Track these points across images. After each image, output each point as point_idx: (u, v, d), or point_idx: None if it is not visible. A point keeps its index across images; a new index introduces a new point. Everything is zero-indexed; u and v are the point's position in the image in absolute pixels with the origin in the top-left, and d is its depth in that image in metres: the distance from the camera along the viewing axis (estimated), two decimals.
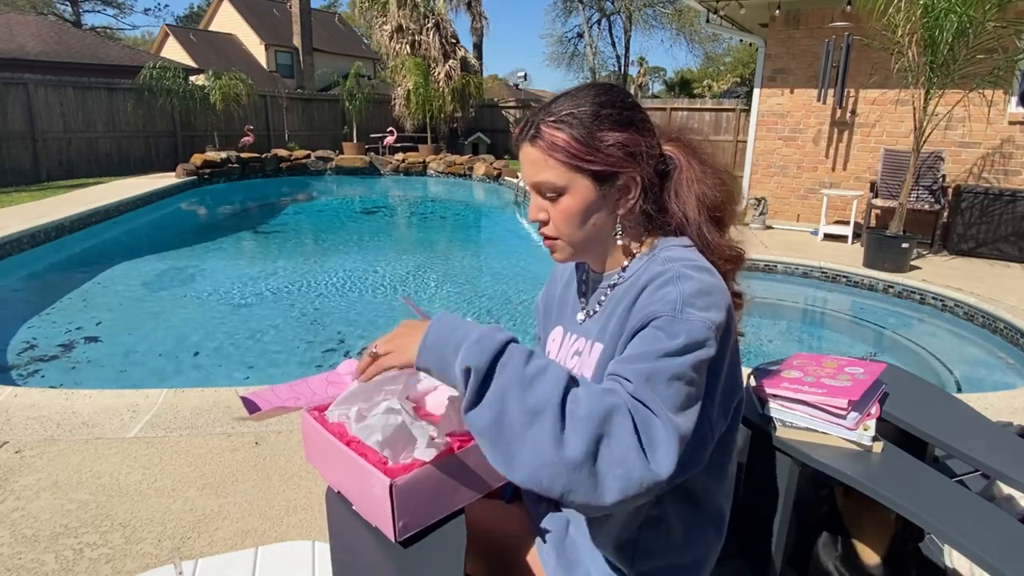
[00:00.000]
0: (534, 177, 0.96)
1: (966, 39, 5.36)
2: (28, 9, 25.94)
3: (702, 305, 0.85)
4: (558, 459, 0.73)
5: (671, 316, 0.84)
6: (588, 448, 0.74)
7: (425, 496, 0.91)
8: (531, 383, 0.77)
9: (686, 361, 0.81)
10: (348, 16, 31.88)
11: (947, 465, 1.37)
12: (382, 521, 0.92)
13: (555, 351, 1.12)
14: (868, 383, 1.12)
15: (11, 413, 2.77)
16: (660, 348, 0.82)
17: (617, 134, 0.93)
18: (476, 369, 0.79)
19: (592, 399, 0.77)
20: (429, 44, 16.38)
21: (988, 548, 0.87)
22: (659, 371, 0.80)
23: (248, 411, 1.04)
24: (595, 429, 0.75)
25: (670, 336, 0.83)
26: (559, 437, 0.74)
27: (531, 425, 0.75)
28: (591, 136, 0.92)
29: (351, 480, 0.98)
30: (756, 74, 8.39)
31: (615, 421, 0.76)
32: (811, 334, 5.29)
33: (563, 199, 0.95)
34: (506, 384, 0.78)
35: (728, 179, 1.03)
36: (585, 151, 0.92)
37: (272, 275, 6.31)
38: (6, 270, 6.06)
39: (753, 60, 10.11)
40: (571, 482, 0.74)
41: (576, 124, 0.92)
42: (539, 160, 0.94)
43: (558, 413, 0.75)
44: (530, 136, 0.95)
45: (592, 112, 0.93)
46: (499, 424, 0.76)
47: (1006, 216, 6.56)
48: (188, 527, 2.06)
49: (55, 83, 11.68)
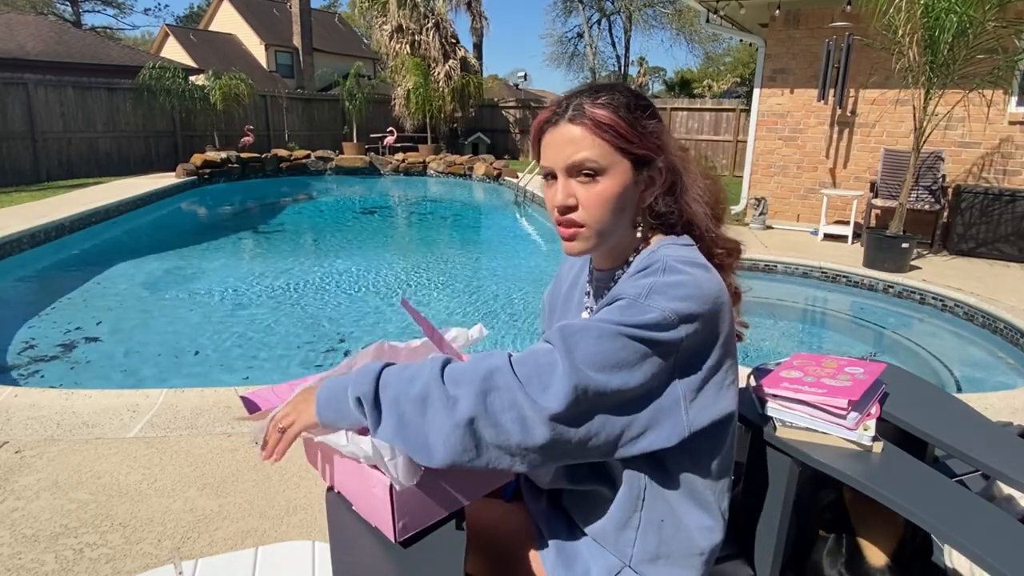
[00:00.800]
0: (573, 156, 0.94)
1: (966, 39, 5.36)
2: (28, 9, 25.93)
3: (672, 295, 0.85)
4: (454, 422, 0.80)
5: (632, 300, 0.86)
6: (475, 403, 0.80)
7: (425, 496, 0.91)
8: (412, 379, 0.85)
9: (623, 330, 0.83)
10: (348, 16, 31.89)
11: (947, 465, 1.37)
12: (382, 521, 0.92)
13: None
14: (868, 383, 1.12)
15: (11, 413, 2.77)
16: (606, 317, 0.86)
17: (653, 122, 0.97)
18: (364, 395, 0.86)
19: (469, 366, 0.85)
20: (429, 44, 16.38)
21: (988, 548, 0.87)
22: (589, 328, 0.84)
23: (248, 411, 1.04)
24: (478, 386, 0.81)
25: (622, 313, 0.85)
26: (448, 406, 0.81)
27: (424, 409, 0.82)
28: (636, 119, 0.95)
29: (351, 480, 0.98)
30: (756, 74, 8.39)
31: (496, 377, 0.82)
32: (811, 334, 5.29)
33: (600, 181, 0.94)
34: (393, 391, 0.85)
35: (715, 178, 1.07)
36: (632, 133, 0.94)
37: (272, 275, 6.31)
38: (6, 270, 6.06)
39: (753, 60, 10.11)
40: (476, 437, 0.80)
41: (621, 106, 0.95)
42: (582, 139, 0.94)
43: (441, 388, 0.82)
44: (570, 116, 0.95)
45: (629, 100, 0.96)
46: (402, 423, 0.83)
47: (1006, 216, 6.56)
48: (188, 527, 2.06)
49: (55, 83, 11.68)
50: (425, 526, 0.93)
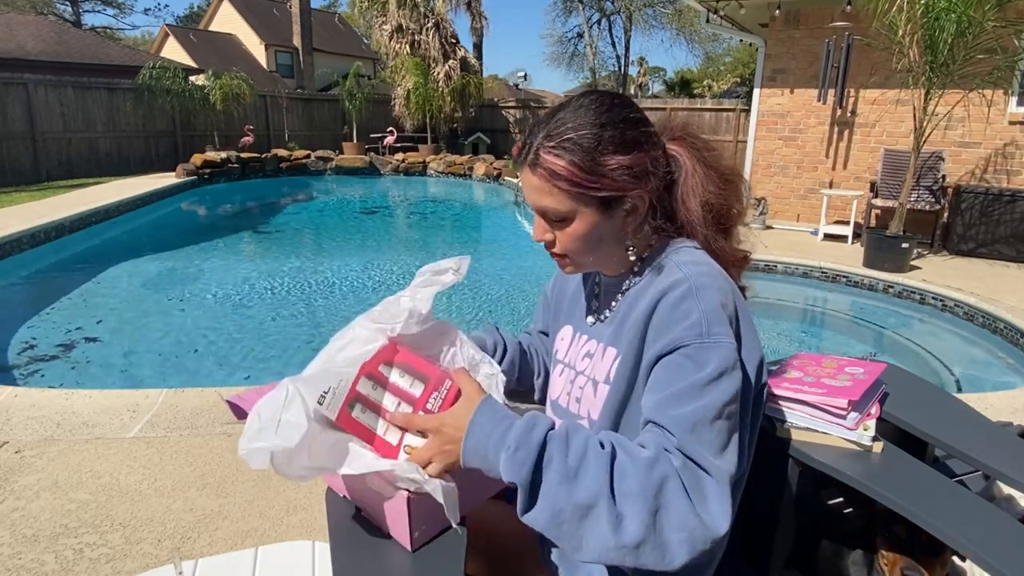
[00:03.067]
0: (538, 203, 0.93)
1: (965, 39, 5.36)
2: (28, 9, 25.93)
3: (720, 317, 0.85)
4: (621, 543, 0.75)
5: (699, 344, 0.83)
6: (646, 526, 0.75)
7: (439, 504, 0.88)
8: (576, 477, 0.78)
9: (722, 395, 0.82)
10: (348, 16, 31.88)
11: (947, 465, 1.37)
12: (398, 531, 0.90)
13: (564, 350, 1.11)
14: (868, 383, 1.12)
15: (11, 413, 2.77)
16: (694, 381, 0.82)
17: (621, 157, 0.88)
18: (521, 484, 0.79)
19: (640, 474, 0.77)
20: (429, 44, 16.37)
21: (988, 548, 0.87)
22: (701, 416, 0.80)
23: (235, 415, 1.04)
24: (649, 505, 0.76)
25: (699, 366, 0.82)
26: (616, 523, 0.75)
27: (586, 519, 0.76)
28: (594, 162, 0.88)
29: (363, 488, 0.95)
30: (756, 74, 8.39)
31: (667, 492, 0.77)
32: (811, 334, 5.29)
33: (569, 225, 0.93)
34: (553, 488, 0.78)
35: (734, 177, 1.01)
36: (589, 179, 0.88)
37: (272, 275, 6.31)
38: (6, 270, 6.06)
39: (753, 60, 10.11)
40: (639, 558, 0.75)
41: (576, 150, 0.87)
42: (540, 188, 0.91)
43: (609, 501, 0.76)
44: (529, 162, 0.91)
45: (593, 136, 0.88)
46: (557, 522, 0.78)
47: (1006, 216, 6.56)
48: (188, 527, 2.06)
49: (55, 83, 11.68)
50: (436, 534, 0.92)
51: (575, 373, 1.05)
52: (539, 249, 1.00)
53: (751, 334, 0.92)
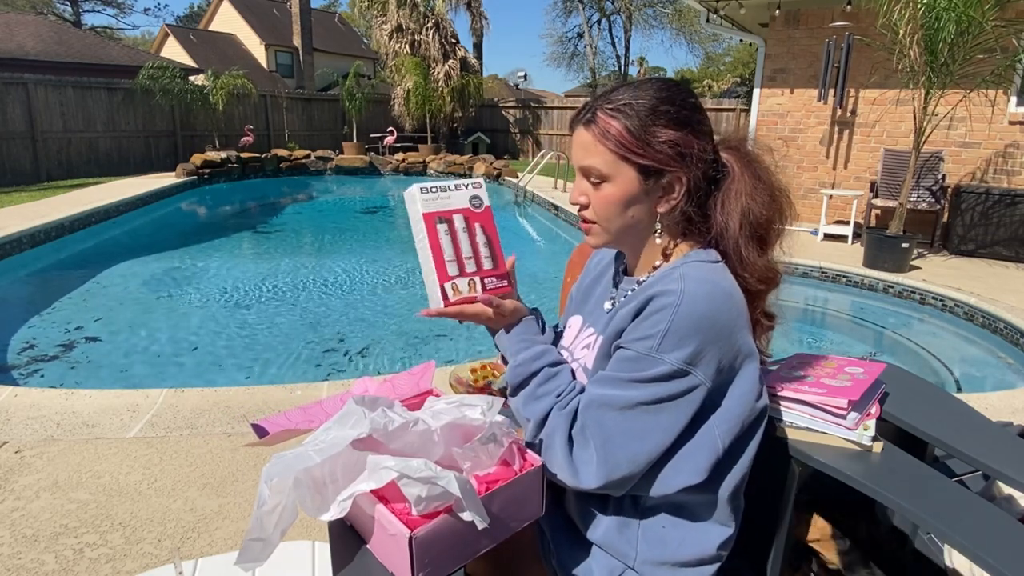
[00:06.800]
0: (582, 160, 0.98)
1: (966, 39, 5.36)
2: (28, 9, 25.93)
3: (690, 346, 0.87)
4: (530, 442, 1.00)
5: (643, 355, 0.90)
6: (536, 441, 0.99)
7: (447, 545, 0.84)
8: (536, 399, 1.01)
9: (641, 394, 0.89)
10: (348, 16, 31.87)
11: (947, 465, 1.37)
12: (400, 570, 0.84)
13: (570, 338, 1.15)
14: (868, 383, 1.12)
15: (11, 413, 2.76)
16: (624, 377, 0.91)
17: (671, 132, 0.93)
18: (511, 385, 1.05)
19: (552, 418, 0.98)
20: (429, 44, 16.37)
21: (988, 548, 0.87)
22: (609, 401, 0.91)
23: (257, 436, 1.03)
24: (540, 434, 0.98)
25: (636, 368, 0.90)
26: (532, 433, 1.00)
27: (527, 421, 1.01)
28: (644, 129, 0.93)
29: (367, 520, 0.90)
30: (756, 74, 8.38)
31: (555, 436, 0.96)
32: (811, 334, 5.29)
33: (606, 186, 0.96)
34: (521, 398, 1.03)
35: (781, 197, 1.02)
36: (635, 143, 0.93)
37: (272, 275, 6.31)
38: (6, 270, 6.06)
39: (753, 60, 10.11)
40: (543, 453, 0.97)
41: (632, 115, 0.93)
42: (589, 144, 0.96)
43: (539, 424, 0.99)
44: (585, 120, 0.97)
45: (650, 106, 0.93)
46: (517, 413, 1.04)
47: (1006, 216, 6.55)
48: (188, 527, 2.06)
49: (55, 83, 11.67)
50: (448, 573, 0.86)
51: (572, 360, 1.09)
52: (539, 249, 1.02)
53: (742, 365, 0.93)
